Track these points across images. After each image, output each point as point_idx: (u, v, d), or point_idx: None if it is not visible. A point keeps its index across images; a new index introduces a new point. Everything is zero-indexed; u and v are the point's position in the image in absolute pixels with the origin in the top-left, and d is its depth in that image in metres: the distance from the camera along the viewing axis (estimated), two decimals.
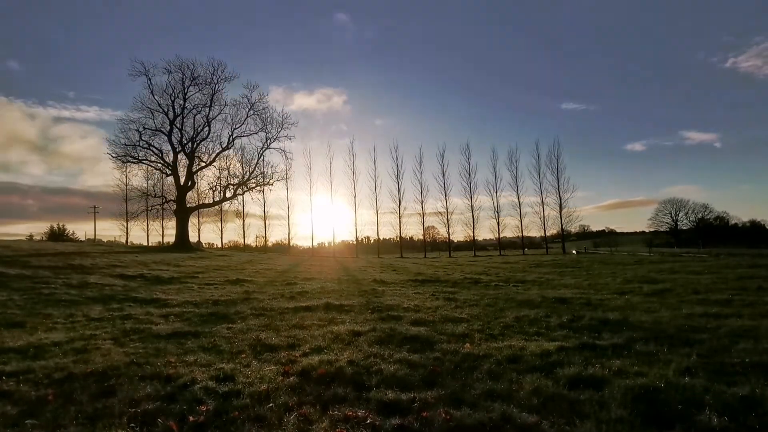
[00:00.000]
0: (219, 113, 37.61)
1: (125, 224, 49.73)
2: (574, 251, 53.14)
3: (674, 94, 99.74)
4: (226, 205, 45.19)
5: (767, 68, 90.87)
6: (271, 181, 40.29)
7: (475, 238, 52.08)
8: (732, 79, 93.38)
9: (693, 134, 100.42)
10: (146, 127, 35.53)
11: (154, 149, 36.29)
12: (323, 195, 54.60)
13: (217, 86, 36.70)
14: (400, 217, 50.87)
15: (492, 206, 51.34)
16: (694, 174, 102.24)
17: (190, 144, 36.91)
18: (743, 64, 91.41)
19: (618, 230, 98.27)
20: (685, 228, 75.70)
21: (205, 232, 53.96)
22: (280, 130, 38.90)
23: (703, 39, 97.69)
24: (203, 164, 38.04)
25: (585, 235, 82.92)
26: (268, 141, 38.91)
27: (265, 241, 53.34)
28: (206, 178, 41.40)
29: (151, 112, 35.40)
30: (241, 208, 50.30)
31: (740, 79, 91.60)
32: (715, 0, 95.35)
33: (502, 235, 51.84)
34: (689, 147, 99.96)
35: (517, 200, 51.26)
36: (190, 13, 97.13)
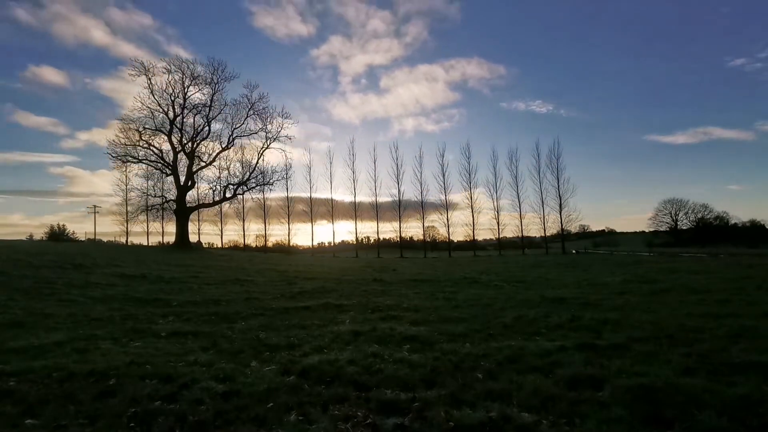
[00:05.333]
0: (219, 113, 37.66)
1: (125, 224, 49.67)
2: (573, 251, 53.14)
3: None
4: (226, 205, 45.18)
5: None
6: (271, 181, 40.37)
7: (475, 238, 52.08)
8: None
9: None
10: (146, 126, 35.58)
11: (154, 149, 36.33)
12: (323, 193, 54.56)
13: (217, 86, 36.76)
14: (400, 218, 50.91)
15: (492, 206, 51.36)
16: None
17: (190, 144, 36.94)
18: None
19: (618, 230, 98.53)
20: (685, 228, 75.71)
21: (205, 231, 53.79)
22: (280, 129, 38.96)
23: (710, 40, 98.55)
24: (203, 164, 38.06)
25: (585, 234, 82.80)
26: (268, 141, 38.96)
27: (265, 241, 53.28)
28: (206, 178, 41.36)
29: (151, 112, 35.42)
30: (241, 207, 50.24)
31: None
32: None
33: (502, 235, 51.79)
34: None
35: (517, 200, 51.28)
36: None
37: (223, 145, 38.13)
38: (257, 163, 39.63)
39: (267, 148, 39.14)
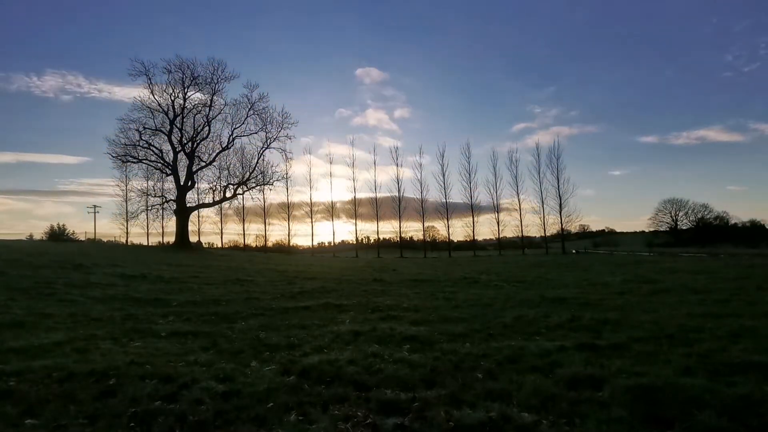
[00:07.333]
0: (219, 113, 37.69)
1: (125, 224, 49.56)
2: (573, 251, 53.12)
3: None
4: (226, 205, 45.16)
5: None
6: (271, 181, 40.40)
7: (475, 238, 52.06)
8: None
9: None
10: (146, 126, 35.63)
11: (154, 149, 36.38)
12: (324, 194, 54.51)
13: (217, 86, 36.78)
14: (400, 217, 50.92)
15: (492, 206, 51.32)
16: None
17: (190, 144, 36.96)
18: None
19: (618, 230, 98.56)
20: (684, 228, 75.67)
21: (205, 231, 53.73)
22: (280, 129, 38.99)
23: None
24: (203, 164, 38.10)
25: (585, 234, 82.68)
26: (268, 141, 39.00)
27: (265, 240, 53.24)
28: (206, 178, 41.30)
29: (151, 112, 35.46)
30: (241, 207, 50.22)
31: None
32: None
33: (502, 235, 51.74)
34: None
35: (517, 200, 51.24)
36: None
37: (223, 145, 38.19)
38: (257, 163, 39.71)
39: (267, 147, 39.24)
